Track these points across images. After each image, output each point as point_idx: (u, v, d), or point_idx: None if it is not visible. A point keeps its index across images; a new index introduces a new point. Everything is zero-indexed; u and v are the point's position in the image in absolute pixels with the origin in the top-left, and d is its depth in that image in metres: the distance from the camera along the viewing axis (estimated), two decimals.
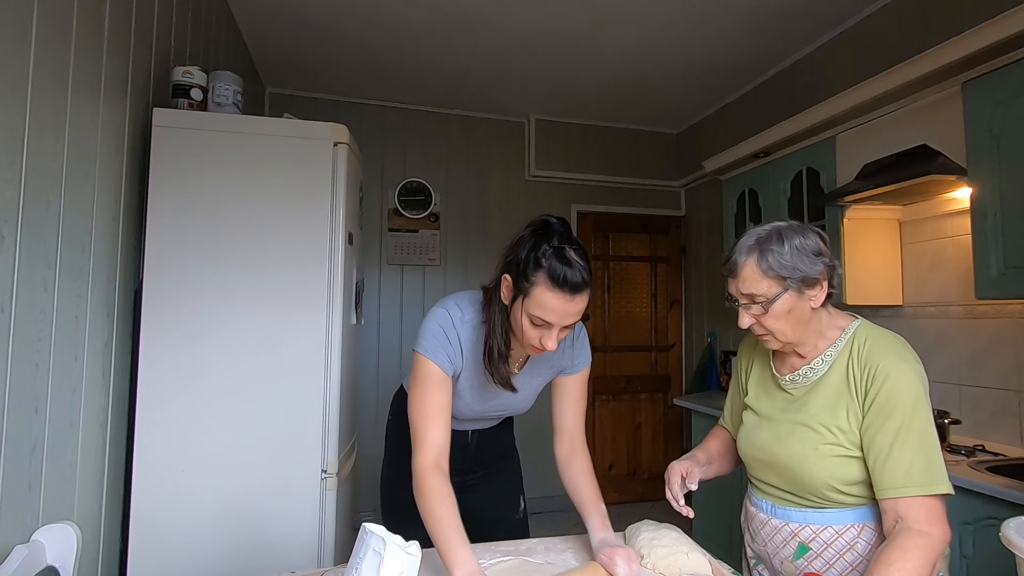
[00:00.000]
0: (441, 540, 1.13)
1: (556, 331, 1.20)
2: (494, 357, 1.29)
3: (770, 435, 1.22)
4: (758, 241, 1.14)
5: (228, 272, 1.76)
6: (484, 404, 1.45)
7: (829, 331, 1.20)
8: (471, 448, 1.59)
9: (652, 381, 4.53)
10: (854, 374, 1.14)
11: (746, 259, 1.14)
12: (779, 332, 1.16)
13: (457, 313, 1.34)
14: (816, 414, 1.16)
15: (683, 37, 3.07)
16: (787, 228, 1.15)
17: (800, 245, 1.12)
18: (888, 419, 1.07)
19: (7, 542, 1.17)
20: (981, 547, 1.69)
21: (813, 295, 1.14)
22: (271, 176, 1.81)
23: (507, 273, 1.23)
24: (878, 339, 1.15)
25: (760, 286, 1.12)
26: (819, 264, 1.12)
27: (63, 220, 1.37)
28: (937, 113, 2.12)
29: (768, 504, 1.25)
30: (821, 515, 1.16)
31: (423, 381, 1.29)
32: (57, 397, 1.36)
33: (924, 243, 2.46)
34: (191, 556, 1.68)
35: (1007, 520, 1.01)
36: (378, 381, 3.91)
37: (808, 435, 1.15)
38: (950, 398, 2.34)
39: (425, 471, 1.22)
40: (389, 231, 3.97)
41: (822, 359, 1.19)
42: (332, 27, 3.01)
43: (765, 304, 1.13)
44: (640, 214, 4.50)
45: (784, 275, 1.11)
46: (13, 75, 1.17)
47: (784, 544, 1.20)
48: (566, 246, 1.18)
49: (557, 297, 1.15)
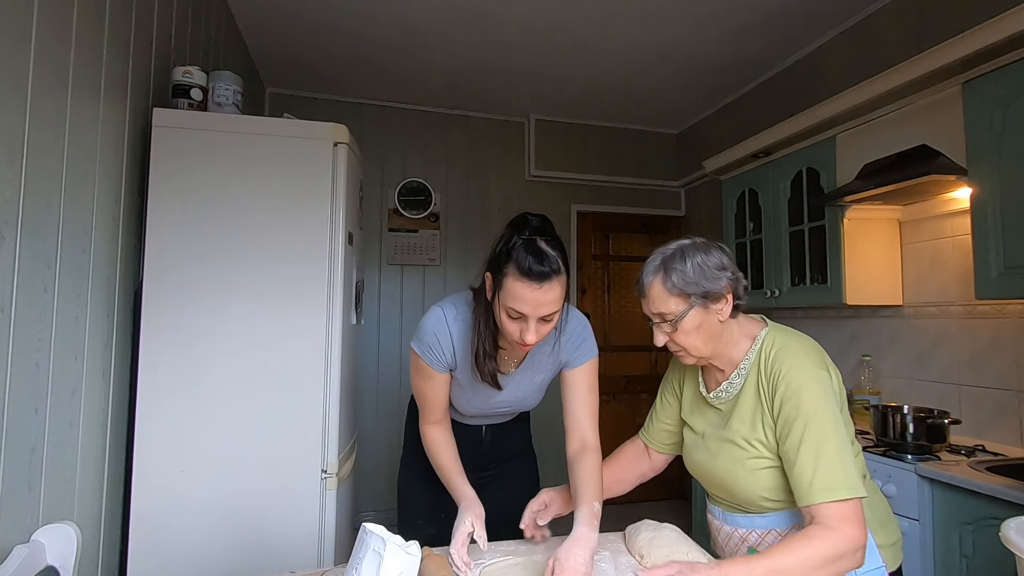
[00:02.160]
0: (447, 478, 1.40)
1: (533, 323, 1.20)
2: (480, 356, 1.32)
3: (704, 454, 1.26)
4: (663, 261, 1.18)
5: (228, 272, 1.76)
6: (487, 399, 1.47)
7: (741, 342, 1.22)
8: (486, 444, 1.61)
9: (652, 381, 4.53)
10: (763, 385, 1.16)
11: (652, 279, 1.18)
12: (692, 348, 1.19)
13: (451, 311, 1.38)
14: (738, 429, 1.19)
15: (683, 37, 3.07)
16: (690, 246, 1.19)
17: (702, 262, 1.16)
18: (791, 428, 1.09)
19: (7, 542, 1.17)
20: (981, 547, 1.69)
21: (719, 309, 1.17)
22: (271, 176, 1.81)
23: (489, 271, 1.26)
24: (783, 347, 1.17)
25: (667, 304, 1.16)
26: (722, 279, 1.16)
27: (63, 220, 1.37)
28: (937, 113, 2.12)
29: (719, 511, 1.28)
30: (764, 519, 1.19)
31: (418, 373, 1.42)
32: (57, 397, 1.36)
33: (924, 243, 2.46)
34: (191, 556, 1.68)
35: (1007, 520, 1.01)
36: (378, 381, 3.91)
37: (735, 451, 1.18)
38: (950, 398, 2.34)
39: (430, 426, 1.45)
40: (389, 231, 3.97)
41: (738, 373, 1.22)
42: (332, 27, 3.01)
43: (674, 322, 1.17)
44: (640, 214, 4.50)
45: (688, 292, 1.15)
46: (13, 75, 1.17)
47: (736, 549, 1.24)
48: (537, 237, 1.19)
49: (526, 287, 1.16)
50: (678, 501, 4.41)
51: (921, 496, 1.87)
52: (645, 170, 4.49)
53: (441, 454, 1.42)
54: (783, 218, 2.84)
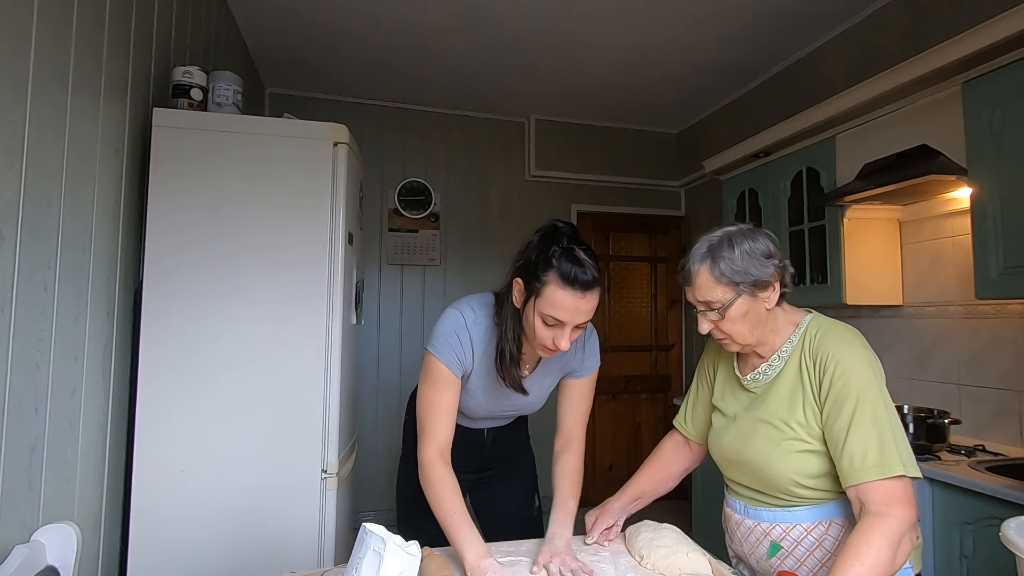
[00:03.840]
0: (449, 525, 1.22)
1: (568, 330, 1.22)
2: (506, 360, 1.33)
3: (735, 434, 1.24)
4: (710, 248, 1.16)
5: (228, 271, 1.76)
6: (497, 404, 1.47)
7: (784, 328, 1.22)
8: (487, 446, 1.62)
9: (652, 381, 4.53)
10: (807, 367, 1.16)
11: (699, 267, 1.16)
12: (737, 335, 1.18)
13: (471, 315, 1.37)
14: (775, 410, 1.18)
15: (683, 37, 3.07)
16: (736, 233, 1.17)
17: (750, 249, 1.14)
18: (842, 407, 1.09)
19: (7, 542, 1.17)
20: (981, 547, 1.69)
21: (766, 297, 1.16)
22: (271, 176, 1.81)
23: (518, 277, 1.27)
24: (828, 330, 1.17)
25: (714, 293, 1.15)
26: (769, 266, 1.14)
27: (63, 220, 1.37)
28: (937, 113, 2.12)
29: (741, 504, 1.27)
30: (790, 514, 1.18)
31: (432, 381, 1.34)
32: (57, 397, 1.36)
33: (924, 243, 2.46)
34: (191, 556, 1.68)
35: (1007, 520, 1.01)
36: (378, 381, 3.91)
37: (770, 432, 1.17)
38: (950, 398, 2.34)
39: (431, 462, 1.30)
40: (389, 231, 3.97)
41: (778, 356, 1.21)
42: (332, 27, 3.01)
43: (721, 310, 1.15)
44: (640, 214, 4.50)
45: (736, 280, 1.13)
46: (13, 75, 1.17)
47: (758, 544, 1.22)
48: (575, 246, 1.22)
49: (568, 295, 1.18)
50: (678, 501, 4.40)
51: (921, 496, 1.86)
52: (645, 170, 4.49)
53: (448, 497, 1.25)
54: (783, 218, 2.84)
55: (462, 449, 1.50)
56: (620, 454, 4.41)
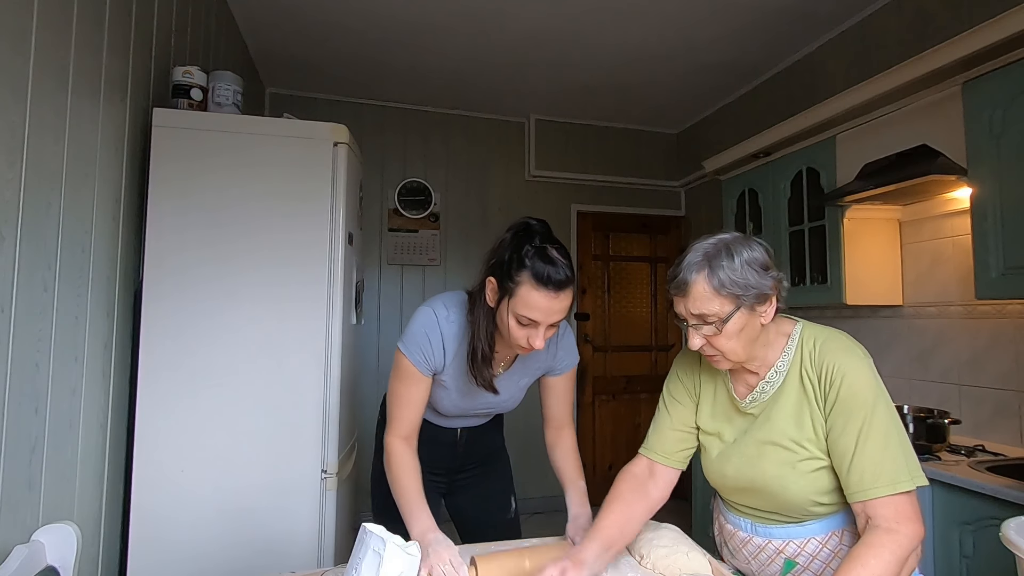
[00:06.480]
0: (403, 503, 1.29)
1: (543, 329, 1.22)
2: (478, 360, 1.32)
3: (741, 461, 1.16)
4: (706, 257, 1.06)
5: (228, 272, 1.76)
6: (471, 401, 1.46)
7: (776, 341, 1.15)
8: (460, 446, 1.60)
9: (652, 381, 4.53)
10: (810, 379, 1.10)
11: (696, 276, 1.06)
12: (731, 352, 1.09)
13: (443, 312, 1.37)
14: (784, 429, 1.11)
15: (683, 37, 3.07)
16: (734, 241, 1.08)
17: (750, 259, 1.06)
18: (849, 420, 1.04)
19: (7, 542, 1.17)
20: (981, 547, 1.69)
21: (763, 311, 1.08)
22: (271, 176, 1.81)
23: (491, 276, 1.26)
24: (827, 339, 1.11)
25: (711, 305, 1.05)
26: (768, 279, 1.07)
27: (63, 220, 1.37)
28: (937, 113, 2.12)
29: (747, 523, 1.20)
30: (802, 528, 1.13)
31: (401, 376, 1.37)
32: (57, 397, 1.36)
33: (924, 243, 2.46)
34: (191, 556, 1.68)
35: (1007, 520, 1.01)
36: (378, 381, 3.91)
37: (781, 454, 1.11)
38: (950, 398, 2.34)
39: (395, 442, 1.35)
40: (389, 231, 3.97)
41: (775, 371, 1.14)
42: (332, 27, 3.01)
43: (718, 324, 1.06)
44: (640, 214, 4.50)
45: (737, 292, 1.04)
46: (13, 76, 1.17)
47: (770, 561, 1.17)
48: (547, 245, 1.21)
49: (542, 295, 1.18)
50: (678, 501, 4.40)
51: (921, 496, 1.85)
52: (645, 170, 4.49)
53: (406, 475, 1.31)
54: (783, 218, 2.83)
55: (435, 450, 1.50)
56: (620, 454, 4.41)
